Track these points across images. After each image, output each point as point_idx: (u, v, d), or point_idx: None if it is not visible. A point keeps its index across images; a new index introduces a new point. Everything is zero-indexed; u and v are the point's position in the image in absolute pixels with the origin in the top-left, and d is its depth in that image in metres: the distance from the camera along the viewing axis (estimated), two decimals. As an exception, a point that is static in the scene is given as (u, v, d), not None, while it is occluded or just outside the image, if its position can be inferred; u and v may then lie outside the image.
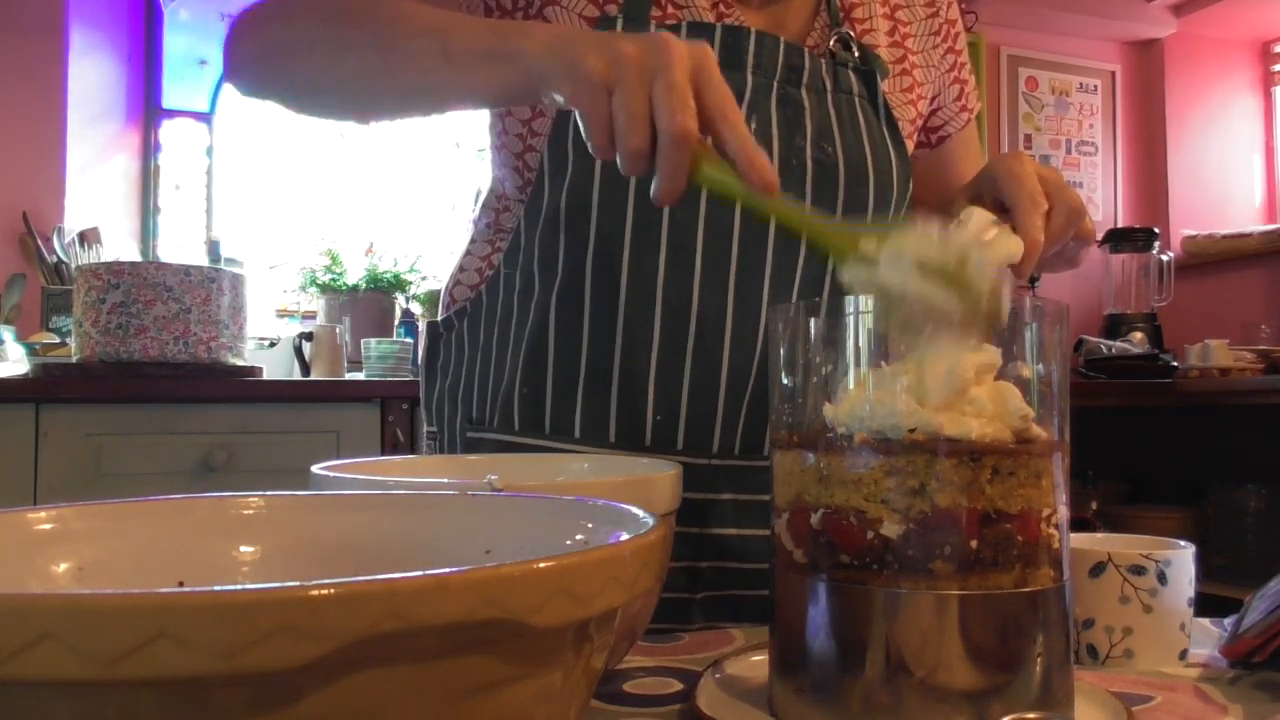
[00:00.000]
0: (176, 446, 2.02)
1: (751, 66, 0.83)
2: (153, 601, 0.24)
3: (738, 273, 0.82)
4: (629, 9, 0.82)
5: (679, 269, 0.82)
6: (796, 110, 0.84)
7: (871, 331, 0.52)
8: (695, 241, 0.82)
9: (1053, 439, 0.52)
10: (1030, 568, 0.50)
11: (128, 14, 2.94)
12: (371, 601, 0.25)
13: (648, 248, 0.82)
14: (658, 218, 0.81)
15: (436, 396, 0.95)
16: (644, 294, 0.82)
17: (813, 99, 0.85)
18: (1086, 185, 3.75)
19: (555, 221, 0.84)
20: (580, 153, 0.81)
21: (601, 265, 0.82)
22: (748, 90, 0.82)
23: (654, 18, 0.82)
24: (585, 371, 0.83)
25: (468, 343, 0.92)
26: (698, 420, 0.83)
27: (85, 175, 2.75)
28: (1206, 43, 3.75)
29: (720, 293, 0.82)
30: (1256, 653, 0.63)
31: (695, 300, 0.82)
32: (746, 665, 0.62)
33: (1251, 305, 3.33)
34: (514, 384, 0.86)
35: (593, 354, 0.83)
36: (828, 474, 0.52)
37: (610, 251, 0.82)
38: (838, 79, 0.87)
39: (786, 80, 0.84)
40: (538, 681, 0.31)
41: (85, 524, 0.41)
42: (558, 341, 0.84)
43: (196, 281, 2.00)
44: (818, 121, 0.85)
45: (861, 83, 0.89)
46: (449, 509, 0.46)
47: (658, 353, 0.82)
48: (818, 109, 0.85)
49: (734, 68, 0.82)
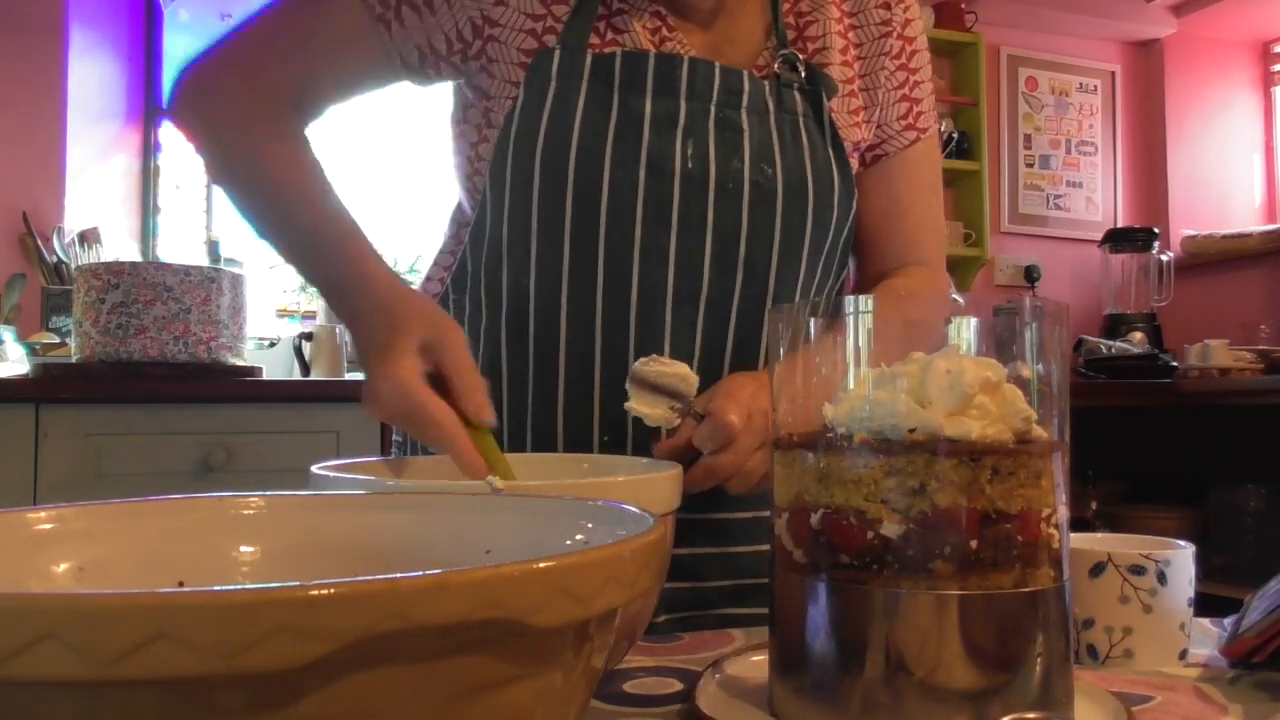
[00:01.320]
0: (176, 446, 2.02)
1: (685, 93, 0.84)
2: (153, 601, 0.24)
3: (673, 297, 0.84)
4: (567, 39, 0.83)
5: (617, 299, 0.83)
6: (734, 133, 0.85)
7: (871, 331, 0.53)
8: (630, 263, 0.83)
9: (1053, 439, 0.52)
10: (1030, 568, 0.50)
11: (128, 14, 2.94)
12: (371, 601, 0.25)
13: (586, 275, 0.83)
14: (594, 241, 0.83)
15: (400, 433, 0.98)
16: (584, 321, 0.84)
17: (753, 120, 0.86)
18: (1086, 185, 3.76)
19: (498, 250, 0.87)
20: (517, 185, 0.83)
21: (543, 294, 0.85)
22: (682, 115, 0.83)
23: (592, 46, 0.83)
24: (533, 394, 0.86)
25: None
26: (645, 441, 0.84)
27: (85, 175, 2.75)
28: (1206, 43, 3.75)
29: (658, 317, 0.84)
30: (1256, 653, 0.63)
31: (632, 325, 0.83)
32: (746, 665, 0.62)
33: (1251, 305, 3.33)
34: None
35: (539, 379, 0.86)
36: (828, 474, 0.52)
37: (550, 280, 0.84)
38: (781, 100, 0.87)
39: (725, 104, 0.85)
40: (538, 681, 0.31)
41: (85, 524, 0.41)
42: (509, 366, 0.87)
43: (196, 281, 2.00)
44: (757, 143, 0.85)
45: (807, 103, 0.89)
46: (449, 509, 0.46)
47: (600, 374, 0.84)
48: (758, 130, 0.86)
49: (668, 95, 0.83)
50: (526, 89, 0.82)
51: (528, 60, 0.83)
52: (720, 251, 0.84)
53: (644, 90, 0.82)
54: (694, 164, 0.82)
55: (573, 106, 0.81)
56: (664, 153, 0.82)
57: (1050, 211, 3.69)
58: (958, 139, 3.45)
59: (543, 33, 0.83)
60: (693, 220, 0.83)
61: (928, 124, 0.97)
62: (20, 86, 2.65)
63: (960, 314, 0.54)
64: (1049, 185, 3.71)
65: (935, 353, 0.51)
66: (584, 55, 0.82)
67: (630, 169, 0.81)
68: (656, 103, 0.82)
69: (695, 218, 0.83)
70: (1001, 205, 3.61)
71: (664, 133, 0.82)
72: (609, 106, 0.82)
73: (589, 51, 0.83)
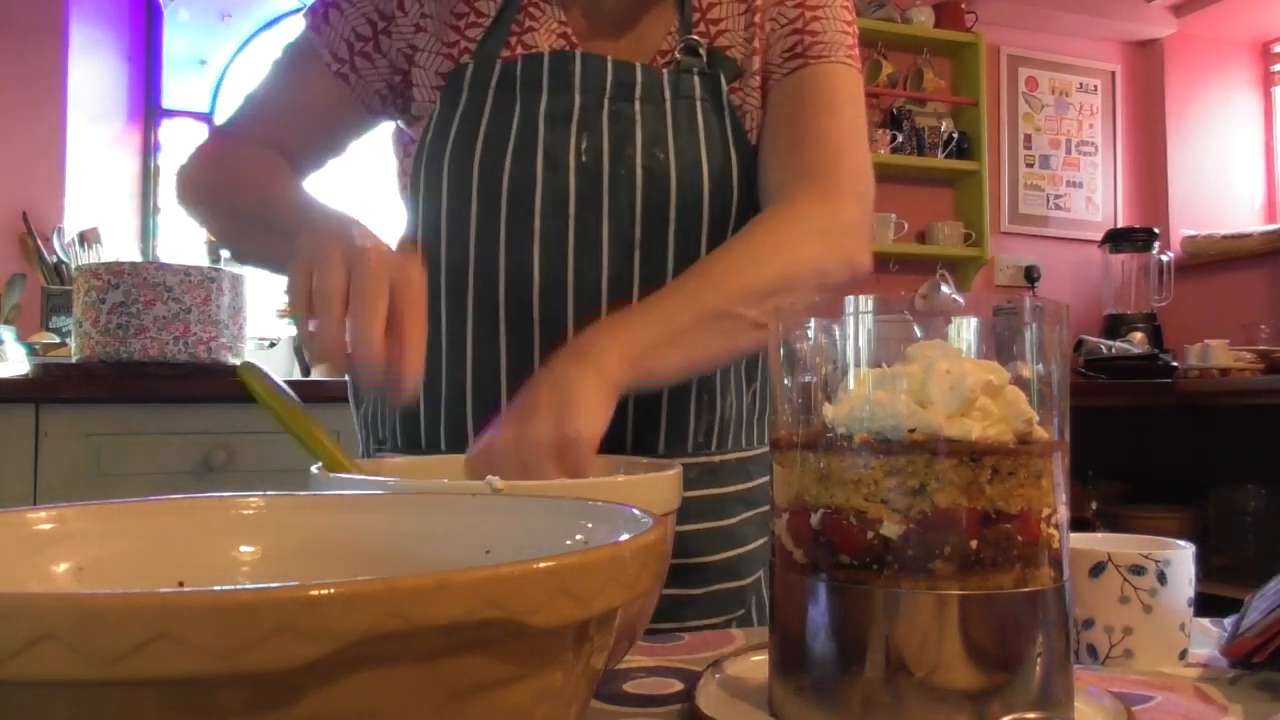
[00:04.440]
0: (176, 446, 2.02)
1: (580, 87, 0.87)
2: (153, 601, 0.24)
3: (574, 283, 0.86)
4: (479, 54, 0.88)
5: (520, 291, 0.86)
6: (627, 124, 0.87)
7: (871, 332, 0.53)
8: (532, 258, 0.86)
9: (1053, 439, 0.52)
10: (1030, 568, 0.50)
11: (128, 14, 2.94)
12: (371, 601, 0.25)
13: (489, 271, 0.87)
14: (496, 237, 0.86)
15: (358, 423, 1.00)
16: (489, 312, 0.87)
17: (647, 110, 0.88)
18: (1086, 185, 3.76)
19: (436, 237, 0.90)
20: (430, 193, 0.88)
21: (452, 288, 0.89)
22: (575, 109, 0.86)
23: (503, 58, 0.88)
24: (445, 387, 0.89)
25: None
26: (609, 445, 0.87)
27: (85, 175, 2.75)
28: (1206, 43, 3.76)
29: (560, 304, 0.86)
30: (1256, 653, 0.63)
31: (535, 310, 0.86)
32: (746, 665, 0.62)
33: (1251, 305, 3.33)
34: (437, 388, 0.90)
35: (450, 371, 0.88)
36: (828, 474, 0.52)
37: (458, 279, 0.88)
38: (679, 87, 0.89)
39: (617, 96, 0.88)
40: (538, 681, 0.31)
41: (85, 524, 0.41)
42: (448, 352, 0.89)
43: (196, 281, 2.01)
44: (650, 131, 0.87)
45: (705, 87, 0.90)
46: (449, 509, 0.46)
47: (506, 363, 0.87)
48: (651, 118, 0.88)
49: (562, 90, 0.86)
50: (441, 103, 0.88)
51: (442, 82, 0.89)
52: (616, 235, 0.86)
53: (540, 89, 0.86)
54: (588, 157, 0.86)
55: (480, 114, 0.86)
56: (559, 147, 0.85)
57: (1050, 211, 3.69)
58: (957, 139, 3.45)
59: (459, 54, 0.88)
60: (589, 209, 0.86)
61: (822, 53, 0.90)
62: (20, 86, 2.65)
63: (960, 314, 0.54)
64: (1049, 185, 3.71)
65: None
66: (494, 66, 0.87)
67: (527, 165, 0.85)
68: (552, 100, 0.86)
69: (590, 206, 0.86)
70: (1001, 205, 3.61)
71: (559, 129, 0.86)
72: (512, 110, 0.86)
73: (499, 62, 0.87)
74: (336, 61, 0.91)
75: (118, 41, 2.91)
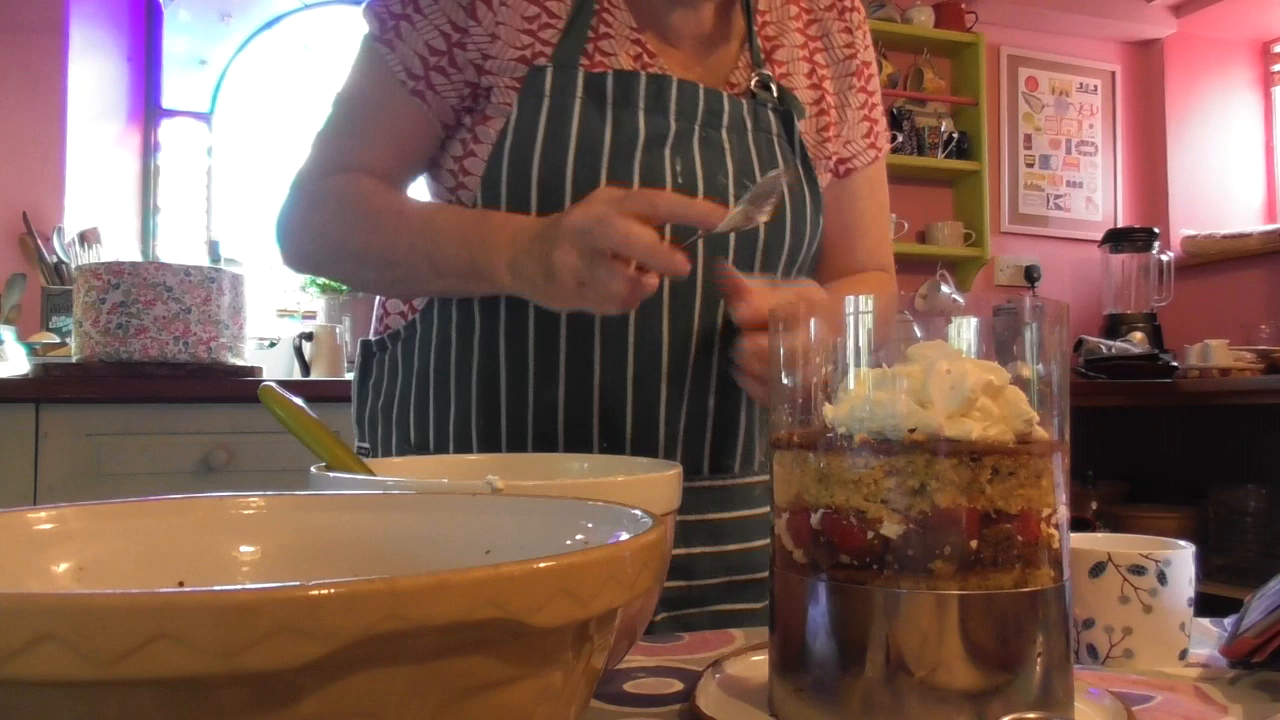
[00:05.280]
0: (176, 446, 2.02)
1: (675, 113, 0.87)
2: (153, 601, 0.24)
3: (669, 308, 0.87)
4: (558, 59, 0.86)
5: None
6: (718, 150, 0.89)
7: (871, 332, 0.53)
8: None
9: (1053, 439, 0.52)
10: (1030, 568, 0.50)
11: (128, 14, 2.94)
12: (371, 601, 0.25)
13: None
14: None
15: (369, 413, 0.98)
16: (583, 333, 0.86)
17: (733, 139, 0.90)
18: (1086, 185, 3.76)
19: None
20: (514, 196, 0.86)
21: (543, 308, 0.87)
22: (671, 134, 0.87)
23: (582, 66, 0.86)
24: (533, 404, 0.87)
25: (401, 366, 0.95)
26: (641, 446, 0.87)
27: (85, 175, 2.75)
28: (1206, 43, 3.76)
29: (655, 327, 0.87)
30: (1256, 653, 0.63)
31: (630, 335, 0.86)
32: (746, 665, 0.62)
33: (1251, 305, 3.33)
34: (468, 414, 0.89)
35: (539, 387, 0.87)
36: (828, 474, 0.52)
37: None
38: (758, 119, 0.92)
39: (708, 123, 0.89)
40: (538, 681, 0.31)
41: (85, 524, 0.41)
42: (508, 377, 0.88)
43: (196, 281, 2.01)
44: (738, 159, 0.90)
45: (780, 123, 0.94)
46: (449, 509, 0.46)
47: (599, 385, 0.86)
48: (738, 148, 0.90)
49: (658, 113, 0.87)
50: (521, 104, 0.85)
51: (518, 83, 0.86)
52: (709, 260, 0.87)
53: (636, 108, 0.86)
54: (683, 180, 0.86)
55: (569, 120, 0.85)
56: (655, 169, 0.85)
57: (1050, 211, 3.69)
58: (958, 139, 3.45)
59: (533, 56, 0.86)
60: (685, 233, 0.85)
61: (883, 144, 1.05)
62: (20, 86, 2.65)
63: (960, 314, 0.54)
64: (1049, 185, 3.71)
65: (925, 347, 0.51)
66: (576, 73, 0.86)
67: (625, 183, 0.84)
68: (648, 120, 0.86)
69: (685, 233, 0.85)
70: (1001, 205, 3.61)
71: (654, 150, 0.86)
72: (602, 125, 0.85)
73: (580, 70, 0.86)
74: (412, 79, 0.88)
75: (118, 41, 2.91)
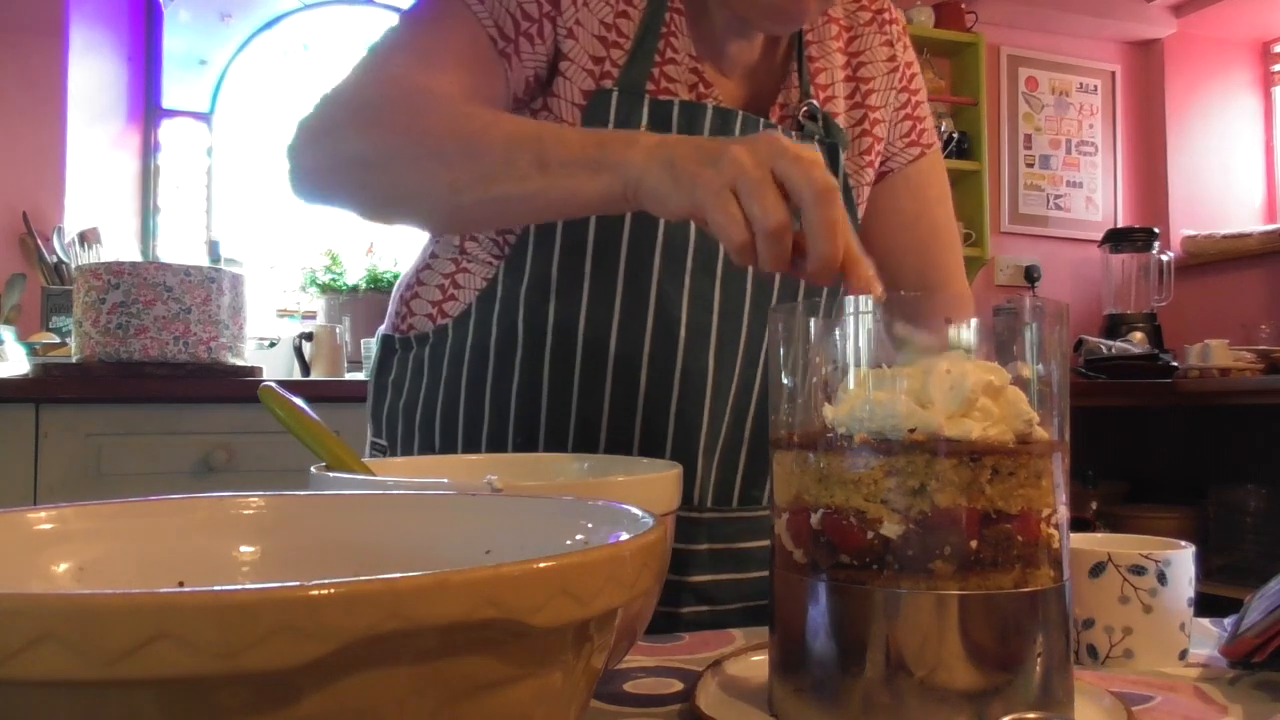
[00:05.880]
0: (176, 446, 2.02)
1: None
2: (153, 601, 0.24)
3: (717, 340, 0.88)
4: (624, 83, 0.85)
5: (664, 337, 0.87)
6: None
7: (871, 332, 0.53)
8: (680, 312, 0.87)
9: (1053, 439, 0.52)
10: (1030, 568, 0.50)
11: (128, 14, 2.94)
12: (371, 601, 0.25)
13: (634, 318, 0.87)
14: (646, 289, 0.86)
15: (388, 411, 0.97)
16: (631, 358, 0.87)
17: None
18: (1086, 185, 3.75)
19: (544, 286, 0.88)
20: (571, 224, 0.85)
21: (592, 331, 0.87)
22: None
23: (649, 92, 0.86)
24: (575, 426, 0.88)
25: (428, 370, 0.94)
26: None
27: (85, 175, 2.75)
28: (1206, 43, 3.75)
29: (701, 363, 0.88)
30: (1256, 653, 0.63)
31: (679, 366, 0.87)
32: (746, 665, 0.62)
33: (1251, 305, 3.33)
34: (505, 430, 0.89)
35: (581, 411, 0.88)
36: (828, 474, 0.52)
37: (601, 323, 0.87)
38: None
39: None
40: (538, 681, 0.31)
41: (85, 524, 0.41)
42: (550, 398, 0.88)
43: (196, 281, 2.00)
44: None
45: (826, 155, 0.93)
46: (449, 509, 0.46)
47: (642, 413, 0.87)
48: None
49: None
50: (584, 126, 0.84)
51: (584, 101, 0.85)
52: (757, 302, 0.89)
53: None
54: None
55: None
56: None
57: (1050, 211, 3.69)
58: (958, 139, 3.45)
59: (600, 76, 0.85)
60: (736, 272, 0.88)
61: (931, 140, 1.02)
62: (20, 86, 2.65)
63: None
64: (1049, 185, 3.71)
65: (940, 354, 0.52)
66: (641, 100, 0.85)
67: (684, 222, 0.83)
68: None
69: (738, 272, 0.88)
70: (1001, 205, 3.61)
71: None
72: None
73: (646, 96, 0.86)
74: (502, 39, 0.82)
75: (118, 41, 2.91)
